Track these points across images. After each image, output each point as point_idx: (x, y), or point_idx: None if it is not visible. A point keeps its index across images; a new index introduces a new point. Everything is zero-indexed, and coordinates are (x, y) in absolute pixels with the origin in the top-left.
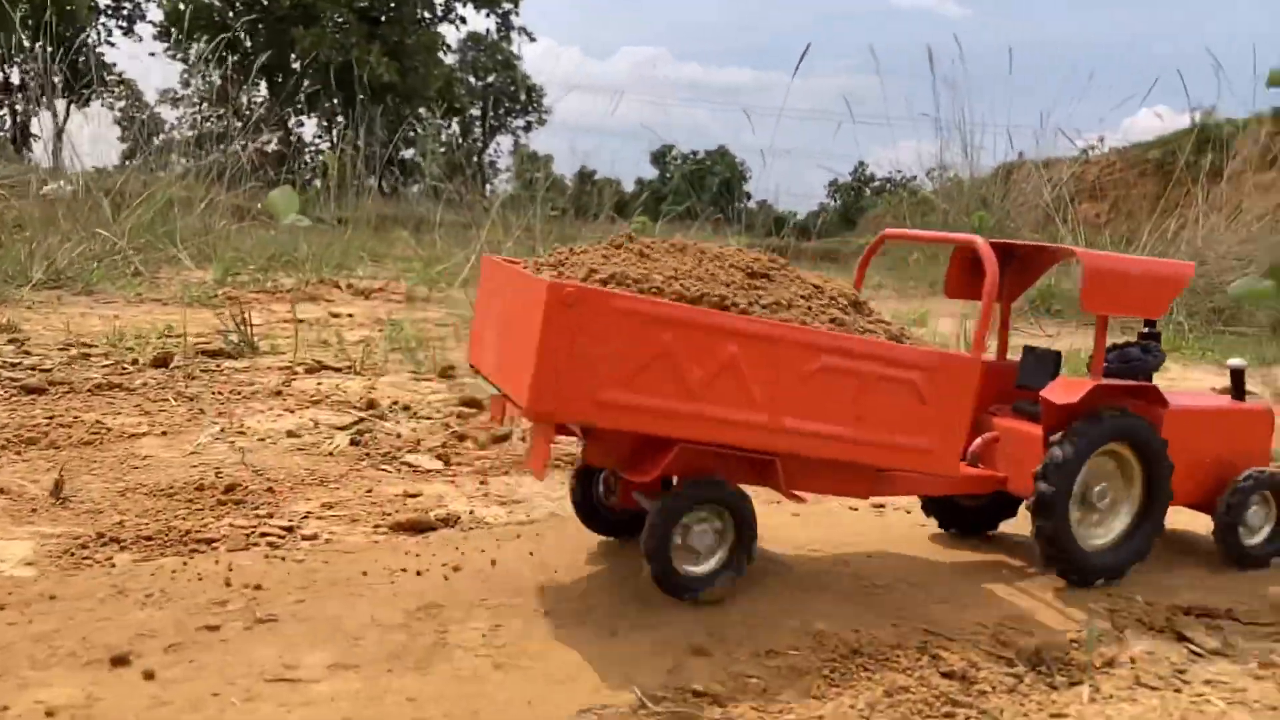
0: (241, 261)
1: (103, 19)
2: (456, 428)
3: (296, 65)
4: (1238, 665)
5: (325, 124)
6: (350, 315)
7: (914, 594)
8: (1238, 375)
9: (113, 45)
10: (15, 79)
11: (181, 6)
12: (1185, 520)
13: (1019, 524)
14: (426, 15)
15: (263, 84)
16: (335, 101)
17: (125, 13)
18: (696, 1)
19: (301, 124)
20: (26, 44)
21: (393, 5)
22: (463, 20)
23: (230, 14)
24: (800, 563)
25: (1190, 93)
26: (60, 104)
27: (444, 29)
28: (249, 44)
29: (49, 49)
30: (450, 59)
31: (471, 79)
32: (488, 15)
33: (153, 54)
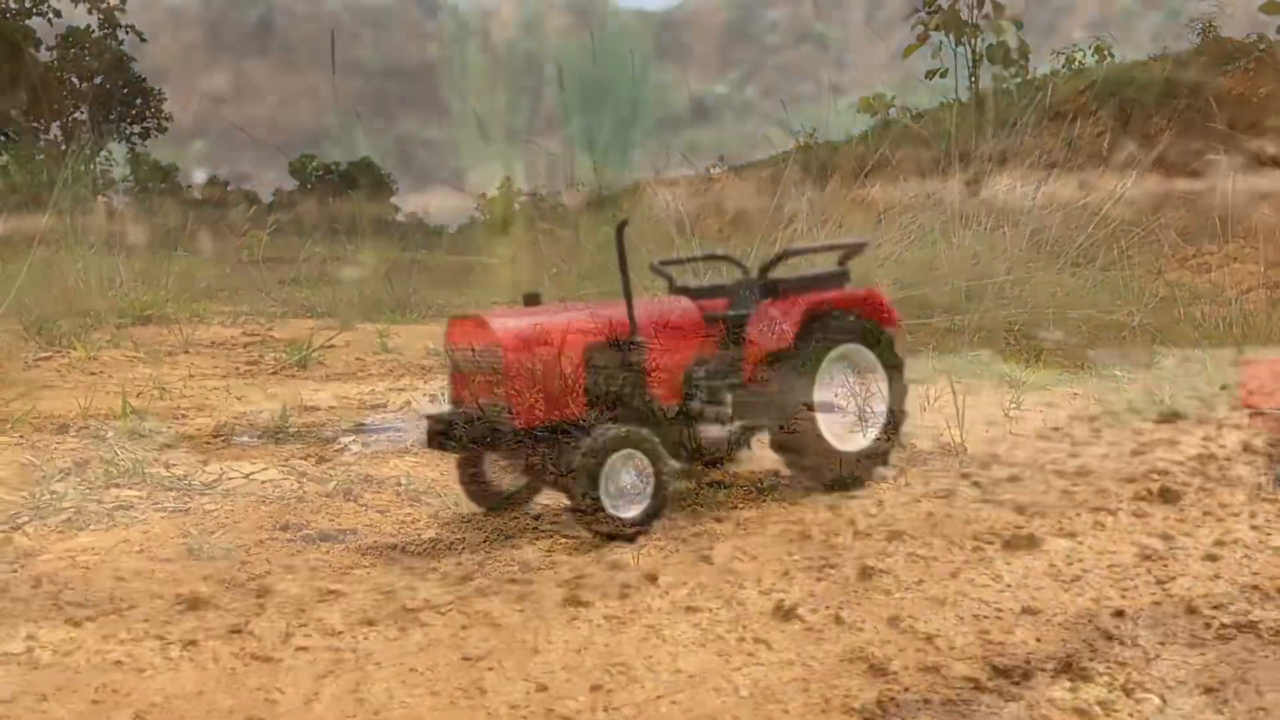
0: None
1: None
2: None
3: None
4: None
5: None
6: None
7: None
8: None
9: None
10: None
11: None
12: None
13: None
14: (12, 6)
15: None
16: None
17: None
18: None
19: None
20: None
21: None
22: (57, 14)
23: None
24: None
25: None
26: None
27: (35, 24)
28: None
29: None
30: (45, 55)
31: (75, 79)
32: (89, 10)
33: None
